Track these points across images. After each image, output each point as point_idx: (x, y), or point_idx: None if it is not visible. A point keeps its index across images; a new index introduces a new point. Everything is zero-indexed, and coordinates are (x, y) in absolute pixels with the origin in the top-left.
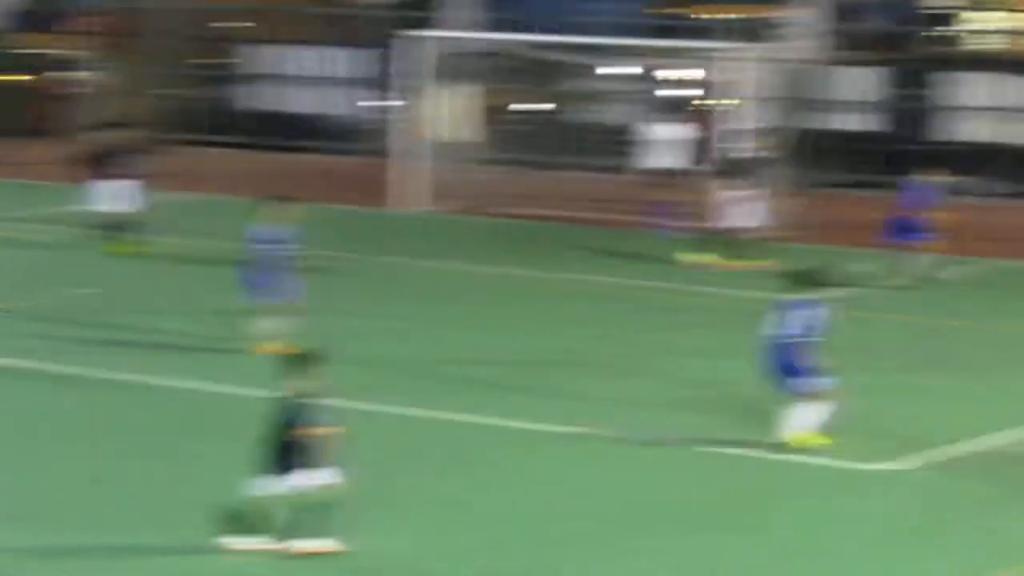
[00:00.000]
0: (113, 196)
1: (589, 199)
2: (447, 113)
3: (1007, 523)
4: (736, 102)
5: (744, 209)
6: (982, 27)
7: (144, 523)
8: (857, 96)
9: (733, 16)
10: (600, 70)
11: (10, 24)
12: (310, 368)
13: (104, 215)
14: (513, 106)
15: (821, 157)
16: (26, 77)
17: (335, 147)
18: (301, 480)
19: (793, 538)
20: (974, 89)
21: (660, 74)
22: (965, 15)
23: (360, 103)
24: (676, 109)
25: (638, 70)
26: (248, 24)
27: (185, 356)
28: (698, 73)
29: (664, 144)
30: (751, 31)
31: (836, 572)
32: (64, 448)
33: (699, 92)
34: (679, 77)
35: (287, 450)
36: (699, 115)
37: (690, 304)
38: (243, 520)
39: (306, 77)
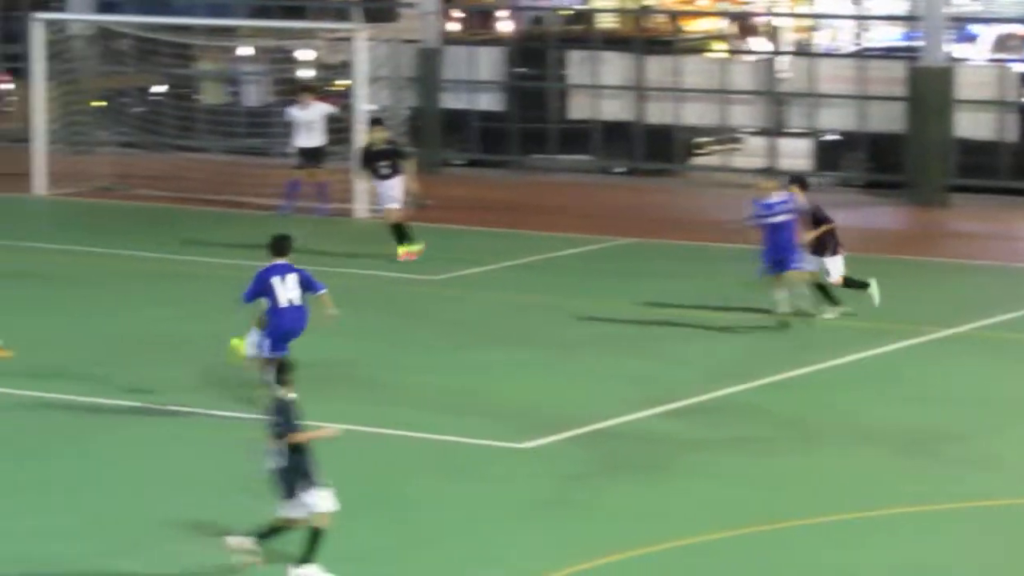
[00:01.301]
0: None
1: (217, 181)
2: (62, 95)
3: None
4: (354, 82)
5: (391, 192)
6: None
7: None
8: (480, 75)
9: None
10: (227, 51)
11: None
12: (287, 376)
13: None
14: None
15: (444, 137)
16: None
17: None
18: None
19: (419, 515)
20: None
21: (293, 55)
22: None
23: None
24: (302, 91)
25: (251, 50)
26: None
27: None
28: (315, 54)
29: (297, 125)
30: (369, 11)
31: (457, 549)
32: None
33: (323, 73)
34: (303, 58)
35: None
36: (327, 96)
37: None
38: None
39: None
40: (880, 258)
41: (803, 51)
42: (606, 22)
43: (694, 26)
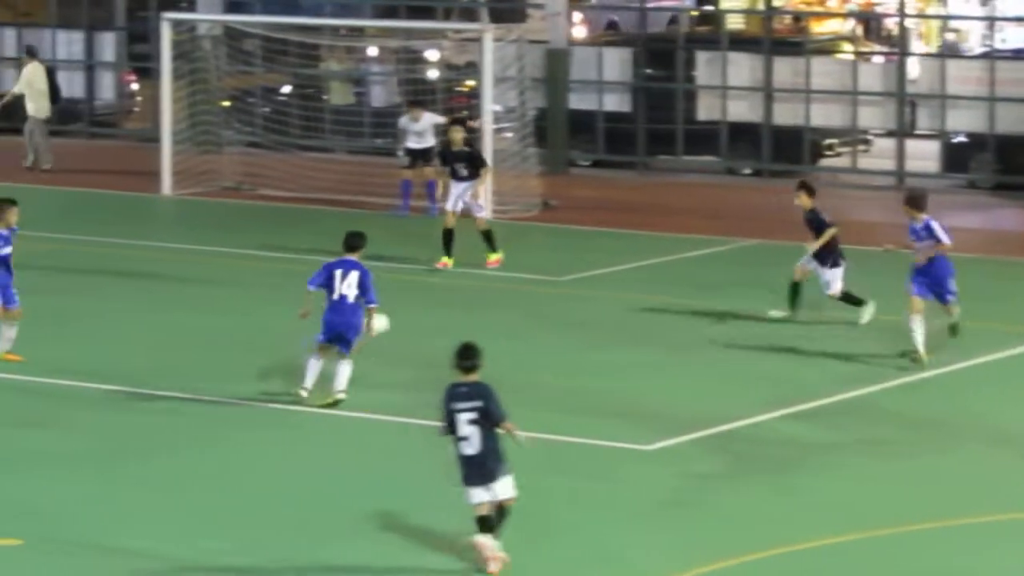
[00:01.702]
0: None
1: (343, 181)
2: (189, 95)
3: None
4: (481, 83)
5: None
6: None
7: None
8: (607, 76)
9: None
10: (355, 52)
11: None
12: (471, 361)
13: None
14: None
15: (571, 137)
16: None
17: (95, 131)
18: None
19: (543, 514)
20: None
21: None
22: None
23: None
24: (412, 105)
25: (378, 51)
26: None
27: None
28: (442, 54)
29: (407, 133)
30: (497, 12)
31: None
32: None
33: (449, 73)
34: (430, 58)
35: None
36: (453, 97)
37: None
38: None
39: (54, 60)
40: (1007, 260)
41: (932, 52)
42: (734, 23)
43: (822, 27)
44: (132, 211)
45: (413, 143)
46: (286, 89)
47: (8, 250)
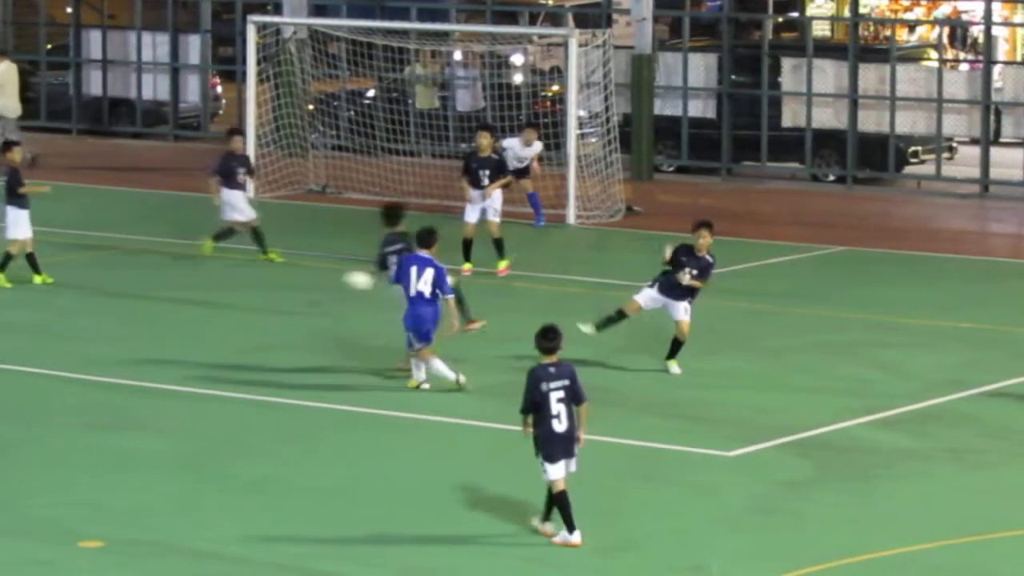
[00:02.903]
0: None
1: (427, 185)
2: (274, 98)
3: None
4: (566, 88)
5: (492, 204)
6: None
7: None
8: (692, 82)
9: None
10: (439, 55)
11: None
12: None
13: None
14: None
15: (656, 143)
16: None
17: (180, 133)
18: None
19: (624, 521)
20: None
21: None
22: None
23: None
24: (529, 127)
25: (463, 55)
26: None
27: None
28: (527, 59)
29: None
30: (582, 17)
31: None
32: None
33: (535, 78)
34: (516, 63)
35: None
36: (538, 102)
37: None
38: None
39: (139, 62)
40: None
41: (1017, 60)
42: (820, 30)
43: (908, 35)
44: (215, 214)
45: (515, 164)
46: (371, 93)
47: None
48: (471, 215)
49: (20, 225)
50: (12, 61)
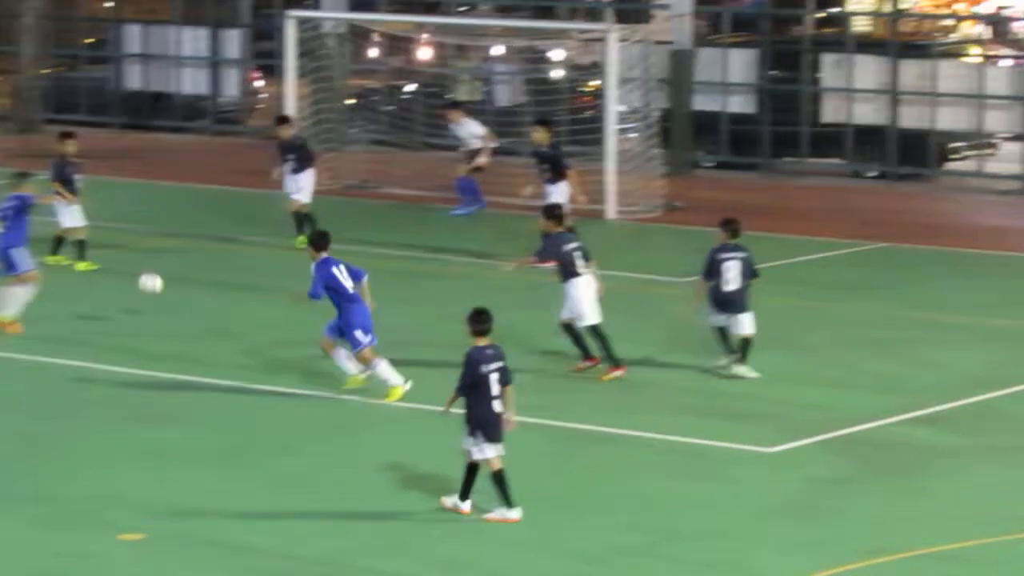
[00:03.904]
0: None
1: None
2: (314, 93)
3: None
4: (605, 83)
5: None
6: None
7: None
8: (730, 78)
9: None
10: (478, 50)
11: None
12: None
13: None
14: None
15: (695, 138)
16: None
17: (219, 128)
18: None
19: (664, 517)
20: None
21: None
22: None
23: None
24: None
25: (503, 50)
26: (110, 3)
27: None
28: (566, 54)
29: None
30: (621, 12)
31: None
32: None
33: (574, 73)
34: (555, 58)
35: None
36: (577, 97)
37: None
38: None
39: (178, 57)
40: None
41: None
42: (860, 25)
43: (950, 30)
44: (254, 208)
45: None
46: (410, 87)
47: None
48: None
49: (71, 214)
50: None
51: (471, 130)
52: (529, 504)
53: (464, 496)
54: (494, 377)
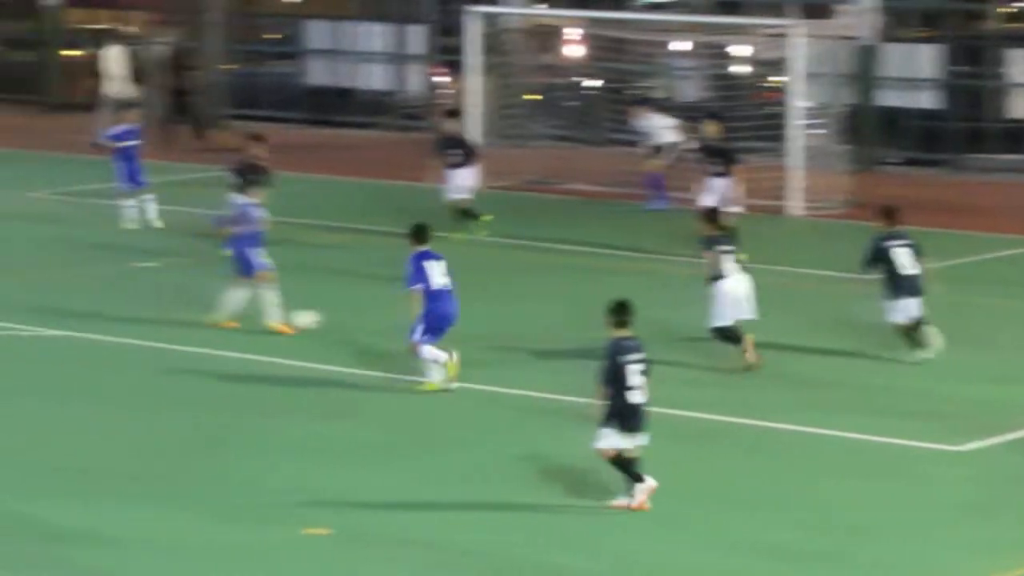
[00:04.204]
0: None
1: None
2: (497, 89)
3: None
4: (790, 79)
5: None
6: None
7: None
8: (916, 73)
9: None
10: (661, 46)
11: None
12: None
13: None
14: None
15: (881, 135)
16: (80, 52)
17: (403, 124)
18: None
19: (848, 515)
20: None
21: (728, 51)
22: None
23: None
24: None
25: (686, 46)
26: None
27: None
28: (751, 49)
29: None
30: (806, 7)
31: (889, 550)
32: None
33: (758, 69)
34: (738, 54)
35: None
36: (759, 93)
37: None
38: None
39: (363, 52)
40: None
41: None
42: None
43: None
44: (432, 203)
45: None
46: (593, 83)
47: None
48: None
49: None
50: (125, 45)
51: (658, 124)
52: (706, 500)
53: (637, 480)
54: (633, 368)
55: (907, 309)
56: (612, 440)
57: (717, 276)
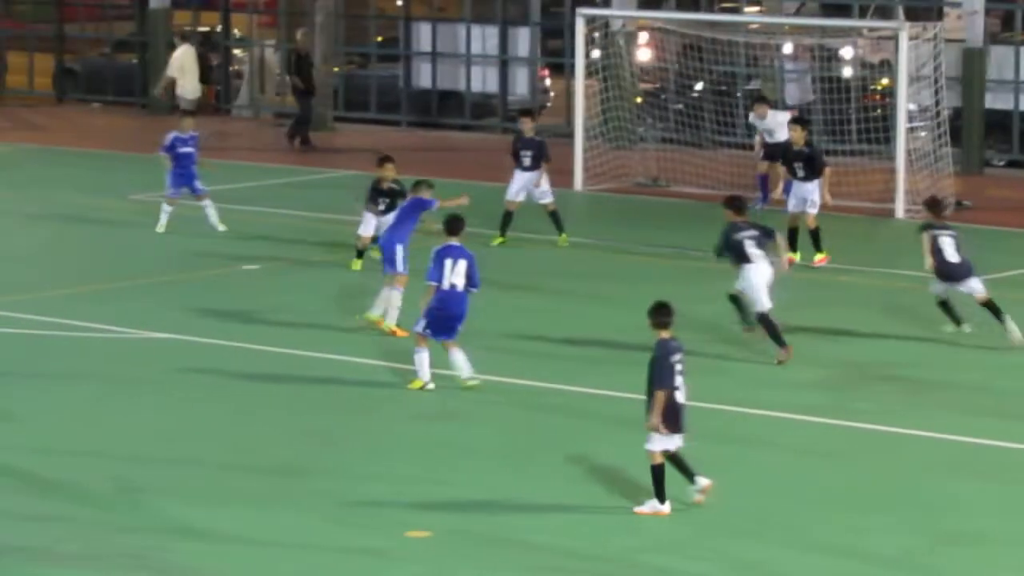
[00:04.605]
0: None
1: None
2: (603, 91)
3: None
4: (896, 81)
5: (810, 196)
6: None
7: None
8: (1022, 76)
9: None
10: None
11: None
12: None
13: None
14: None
15: (987, 137)
16: None
17: (509, 126)
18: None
19: (951, 517)
20: None
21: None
22: None
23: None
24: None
25: (793, 48)
26: (401, 2)
27: None
28: (857, 52)
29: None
30: (912, 10)
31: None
32: None
33: (864, 71)
34: (845, 56)
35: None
36: (867, 95)
37: None
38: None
39: (468, 55)
40: None
41: None
42: None
43: None
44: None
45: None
46: (699, 86)
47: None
48: (807, 206)
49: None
50: (191, 45)
51: (780, 120)
52: (817, 504)
53: (691, 479)
54: (678, 368)
55: (962, 289)
56: (661, 442)
57: (744, 260)
